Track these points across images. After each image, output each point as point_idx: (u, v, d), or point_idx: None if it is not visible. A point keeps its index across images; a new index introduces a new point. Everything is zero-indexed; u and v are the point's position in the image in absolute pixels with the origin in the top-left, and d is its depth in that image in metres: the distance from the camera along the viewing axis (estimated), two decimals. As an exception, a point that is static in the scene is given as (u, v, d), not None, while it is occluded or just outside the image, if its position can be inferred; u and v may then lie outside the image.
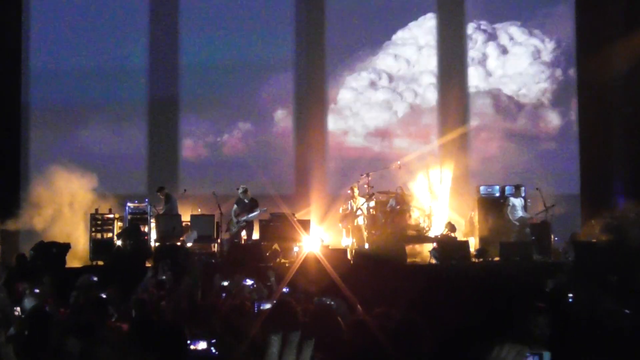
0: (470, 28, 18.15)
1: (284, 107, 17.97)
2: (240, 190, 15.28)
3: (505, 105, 18.05)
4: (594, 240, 14.36)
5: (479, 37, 18.22)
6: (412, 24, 18.14)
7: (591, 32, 17.32)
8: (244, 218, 15.13)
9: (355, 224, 15.07)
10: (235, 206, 15.26)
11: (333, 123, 17.96)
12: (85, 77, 17.23)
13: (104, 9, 17.28)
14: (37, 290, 9.03)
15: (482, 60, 18.13)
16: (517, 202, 15.21)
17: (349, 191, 15.25)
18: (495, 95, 18.05)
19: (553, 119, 18.11)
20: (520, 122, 18.10)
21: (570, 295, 7.76)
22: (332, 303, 6.90)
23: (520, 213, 15.14)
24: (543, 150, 17.82)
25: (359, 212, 15.06)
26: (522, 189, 15.33)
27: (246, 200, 15.29)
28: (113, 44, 17.29)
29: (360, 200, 15.09)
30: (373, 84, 18.09)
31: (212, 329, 5.93)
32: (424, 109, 18.00)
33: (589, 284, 8.97)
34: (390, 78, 18.08)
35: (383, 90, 18.09)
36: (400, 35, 18.14)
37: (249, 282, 8.30)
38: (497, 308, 7.44)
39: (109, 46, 17.30)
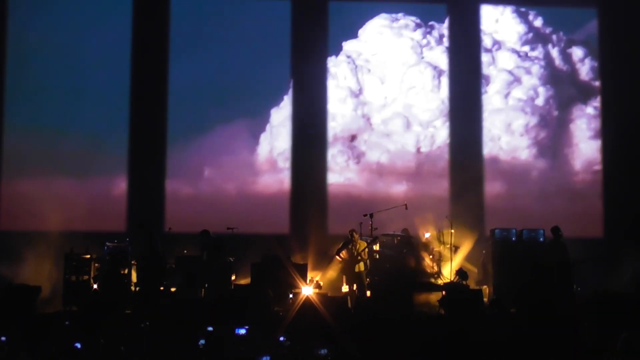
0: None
1: (279, 139, 18.04)
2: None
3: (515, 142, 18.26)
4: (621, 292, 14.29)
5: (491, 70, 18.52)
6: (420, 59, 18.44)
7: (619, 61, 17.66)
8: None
9: (357, 270, 15.01)
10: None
11: (334, 158, 18.03)
12: (63, 102, 17.37)
13: (88, 33, 17.47)
14: (3, 339, 8.99)
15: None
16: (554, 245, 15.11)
17: (349, 235, 15.15)
18: (505, 129, 18.25)
19: (567, 156, 18.28)
20: (533, 160, 18.24)
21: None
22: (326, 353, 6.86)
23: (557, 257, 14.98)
24: (559, 192, 17.91)
25: (359, 257, 14.95)
26: (559, 231, 15.16)
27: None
28: (94, 69, 17.47)
29: (362, 245, 15.01)
30: (380, 119, 18.27)
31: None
32: (434, 147, 18.10)
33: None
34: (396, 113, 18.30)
35: (391, 125, 18.24)
36: (408, 74, 18.38)
37: (242, 331, 8.24)
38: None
39: (89, 69, 17.46)
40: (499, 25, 18.69)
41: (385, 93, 18.36)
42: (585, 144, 18.32)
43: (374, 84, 18.40)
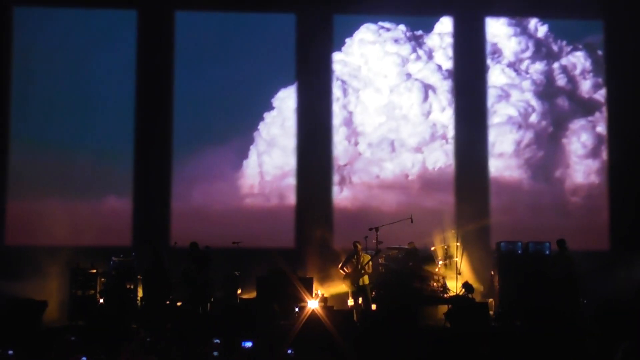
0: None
1: (286, 150, 18.11)
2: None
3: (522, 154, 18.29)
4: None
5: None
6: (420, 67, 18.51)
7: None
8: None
9: (361, 283, 15.02)
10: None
11: (339, 172, 18.08)
12: (69, 119, 17.48)
13: (93, 45, 17.59)
14: (10, 352, 9.06)
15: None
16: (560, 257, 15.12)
17: (352, 247, 15.16)
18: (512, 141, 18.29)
19: (574, 170, 18.31)
20: (538, 174, 18.28)
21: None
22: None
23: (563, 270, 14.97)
24: (565, 204, 17.95)
25: (363, 270, 14.94)
26: (565, 244, 15.16)
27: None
28: (100, 86, 17.60)
29: (366, 258, 15.02)
30: (385, 136, 18.33)
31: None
32: (440, 162, 18.15)
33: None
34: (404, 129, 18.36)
35: (379, 150, 18.30)
36: (397, 94, 18.45)
37: (248, 344, 8.29)
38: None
39: (95, 87, 17.58)
40: (500, 38, 18.68)
41: (374, 116, 18.32)
42: (589, 156, 18.32)
43: (362, 107, 18.34)
